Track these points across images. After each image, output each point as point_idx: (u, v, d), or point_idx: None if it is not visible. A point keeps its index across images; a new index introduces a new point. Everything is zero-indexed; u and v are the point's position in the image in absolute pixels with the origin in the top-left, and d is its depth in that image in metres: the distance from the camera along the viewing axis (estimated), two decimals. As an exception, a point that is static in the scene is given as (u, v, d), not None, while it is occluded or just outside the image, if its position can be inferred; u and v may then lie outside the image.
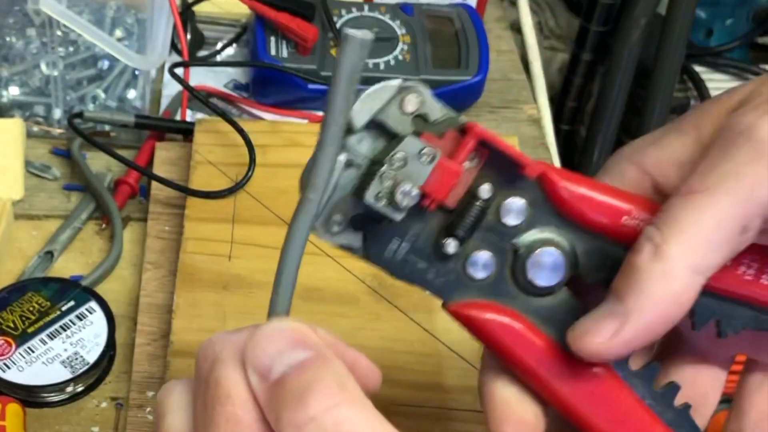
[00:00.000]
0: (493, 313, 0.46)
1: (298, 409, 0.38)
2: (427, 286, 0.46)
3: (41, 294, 0.77)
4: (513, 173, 0.44)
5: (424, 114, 0.43)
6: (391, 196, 0.42)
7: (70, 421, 0.73)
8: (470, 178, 0.44)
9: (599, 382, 0.47)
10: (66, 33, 0.91)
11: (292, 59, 0.97)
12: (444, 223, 0.45)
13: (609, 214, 0.45)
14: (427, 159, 0.42)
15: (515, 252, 0.46)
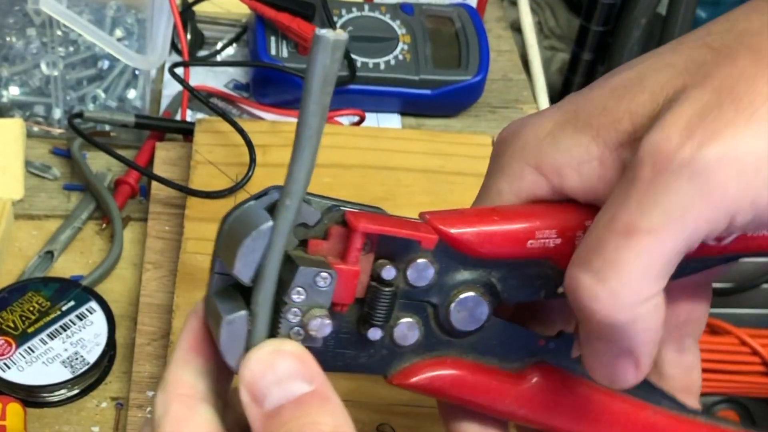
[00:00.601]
0: (434, 370, 0.46)
1: None
2: (363, 370, 0.46)
3: (41, 294, 0.77)
4: (409, 245, 0.44)
5: (303, 222, 0.42)
6: (304, 330, 0.42)
7: (71, 421, 0.73)
8: (369, 263, 0.43)
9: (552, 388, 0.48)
10: (66, 33, 0.91)
11: (293, 59, 0.97)
12: (359, 312, 0.44)
13: (513, 243, 0.45)
14: (326, 282, 0.41)
15: (435, 306, 0.46)
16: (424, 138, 0.91)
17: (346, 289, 0.42)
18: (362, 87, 0.97)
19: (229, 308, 0.42)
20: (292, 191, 0.39)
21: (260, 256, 0.40)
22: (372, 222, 0.42)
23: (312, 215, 0.42)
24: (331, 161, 0.85)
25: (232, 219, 0.42)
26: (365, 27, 1.00)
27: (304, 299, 0.41)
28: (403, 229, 0.43)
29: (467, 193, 0.85)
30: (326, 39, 0.36)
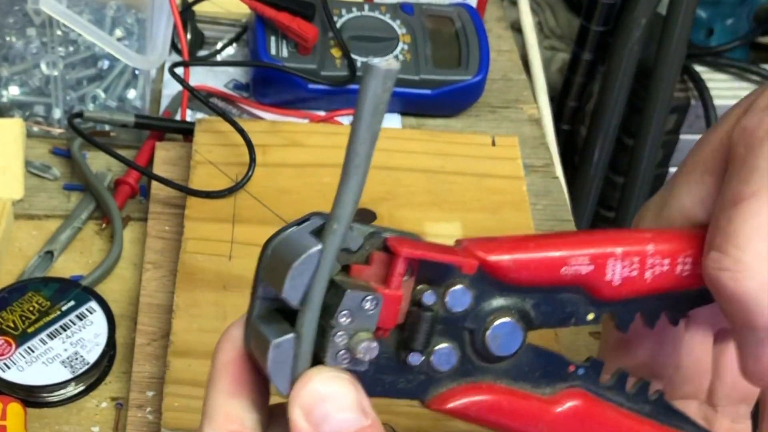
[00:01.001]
0: (470, 395, 0.47)
1: None
2: (402, 395, 0.46)
3: (41, 294, 0.76)
4: (449, 270, 0.44)
5: (346, 248, 0.42)
6: (350, 353, 0.42)
7: (70, 421, 0.73)
8: (409, 290, 0.44)
9: (586, 413, 0.49)
10: (66, 33, 0.91)
11: (293, 59, 0.96)
12: (399, 337, 0.45)
13: (548, 270, 0.46)
14: (372, 306, 0.42)
15: (471, 332, 0.46)
16: (424, 138, 0.91)
17: (389, 313, 0.43)
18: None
19: (275, 332, 0.42)
20: (340, 216, 0.40)
21: (309, 279, 0.41)
22: (414, 248, 0.43)
23: (354, 240, 0.43)
24: (331, 161, 0.85)
25: (277, 243, 0.43)
26: (365, 27, 1.00)
27: (350, 322, 0.42)
28: (444, 255, 0.44)
29: (467, 193, 0.86)
30: (378, 69, 0.37)
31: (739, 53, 1.42)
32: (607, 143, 1.33)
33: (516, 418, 0.48)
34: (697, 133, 1.38)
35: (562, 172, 1.02)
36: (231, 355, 0.44)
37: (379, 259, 0.43)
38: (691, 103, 1.36)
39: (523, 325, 0.47)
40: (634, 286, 0.48)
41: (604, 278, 0.47)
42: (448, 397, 0.46)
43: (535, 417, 0.48)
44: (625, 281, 0.48)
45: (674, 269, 0.48)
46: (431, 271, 0.44)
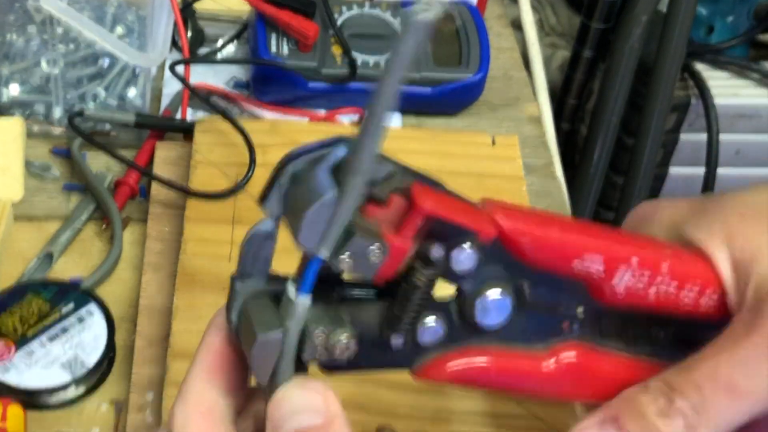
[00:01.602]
0: (457, 362, 0.46)
1: None
2: (387, 366, 0.46)
3: (41, 296, 0.76)
4: (462, 234, 0.43)
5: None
6: (328, 351, 0.43)
7: (70, 424, 0.73)
8: (418, 241, 0.42)
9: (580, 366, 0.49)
10: (67, 30, 0.91)
11: (293, 57, 0.96)
12: (385, 311, 0.44)
13: (559, 257, 0.46)
14: (377, 256, 0.41)
15: (461, 295, 0.45)
16: (425, 137, 0.91)
17: (392, 264, 0.42)
18: (363, 85, 0.97)
19: (264, 324, 0.42)
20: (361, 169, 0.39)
21: (324, 225, 0.40)
22: (436, 204, 0.41)
23: (380, 171, 0.41)
24: (332, 162, 0.85)
25: (296, 172, 0.43)
26: (366, 25, 1.00)
27: (351, 265, 0.41)
28: (465, 217, 0.42)
29: (467, 193, 0.85)
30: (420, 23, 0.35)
31: (739, 51, 1.42)
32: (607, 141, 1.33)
33: (508, 378, 0.47)
34: (697, 131, 1.38)
35: (562, 172, 1.02)
36: (213, 340, 0.46)
37: (397, 205, 0.42)
38: (692, 101, 1.36)
39: (515, 299, 0.46)
40: (636, 298, 0.48)
41: (611, 283, 0.47)
42: (436, 365, 0.46)
43: (528, 374, 0.48)
44: (629, 292, 0.47)
45: (679, 294, 0.48)
46: (447, 229, 0.42)
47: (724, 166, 1.40)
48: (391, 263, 0.42)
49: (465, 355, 0.46)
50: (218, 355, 0.46)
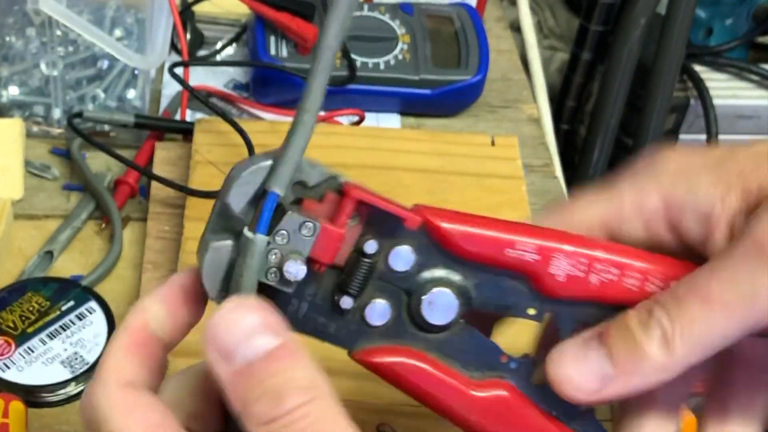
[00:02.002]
0: (396, 356, 0.47)
1: (273, 404, 0.39)
2: (330, 339, 0.47)
3: (41, 294, 0.77)
4: (395, 225, 0.46)
5: (302, 181, 0.44)
6: (280, 273, 0.43)
7: (70, 421, 0.73)
8: (355, 235, 0.45)
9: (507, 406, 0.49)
10: (66, 33, 0.91)
11: (292, 59, 0.97)
12: (337, 280, 0.46)
13: (490, 247, 0.47)
14: (309, 232, 0.44)
15: (409, 295, 0.47)
16: (424, 138, 0.91)
17: (328, 248, 0.44)
18: (362, 87, 0.97)
19: (218, 238, 0.44)
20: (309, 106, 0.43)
21: (255, 189, 0.43)
22: (364, 192, 0.45)
23: (313, 176, 0.44)
24: (331, 161, 0.84)
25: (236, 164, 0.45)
26: (365, 27, 1.00)
27: (285, 243, 0.43)
28: (392, 206, 0.45)
29: (467, 193, 0.86)
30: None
31: (738, 53, 1.42)
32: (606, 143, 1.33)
33: (438, 390, 0.48)
34: (696, 133, 1.38)
35: (561, 172, 1.02)
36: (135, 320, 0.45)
37: (331, 199, 0.45)
38: (691, 102, 1.36)
39: (462, 300, 0.47)
40: (579, 287, 0.48)
41: (548, 270, 0.47)
42: (376, 351, 0.47)
43: (458, 394, 0.48)
44: (570, 280, 0.47)
45: (622, 281, 0.48)
46: (381, 225, 0.45)
47: (724, 167, 1.40)
48: (327, 247, 0.44)
49: (404, 353, 0.47)
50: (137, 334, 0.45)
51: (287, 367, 0.40)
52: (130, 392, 0.43)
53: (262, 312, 0.41)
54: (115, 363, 0.44)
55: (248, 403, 0.39)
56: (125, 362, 0.44)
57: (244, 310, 0.41)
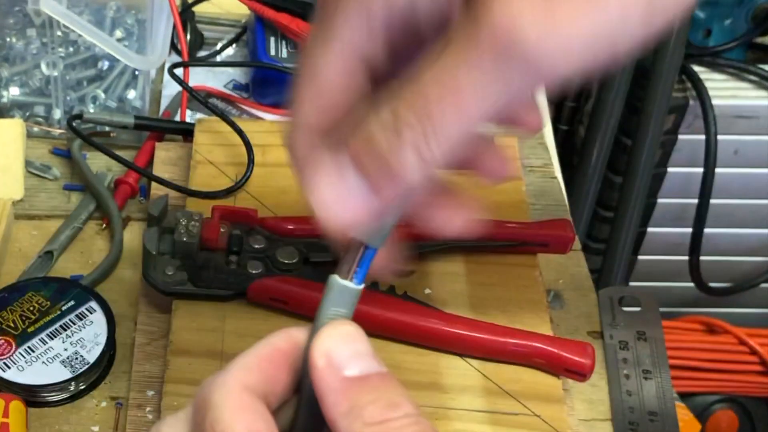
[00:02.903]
0: (273, 281, 0.75)
1: (388, 409, 0.40)
2: (229, 287, 0.75)
3: (41, 294, 0.77)
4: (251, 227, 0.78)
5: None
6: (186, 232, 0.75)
7: (70, 421, 0.73)
8: (227, 230, 0.77)
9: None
10: (66, 33, 0.92)
11: (292, 59, 0.97)
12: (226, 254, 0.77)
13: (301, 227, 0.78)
14: (196, 221, 0.76)
15: (268, 257, 0.76)
16: (423, 138, 0.91)
17: (210, 232, 0.76)
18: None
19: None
20: None
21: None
22: (226, 209, 0.78)
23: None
24: (331, 161, 0.85)
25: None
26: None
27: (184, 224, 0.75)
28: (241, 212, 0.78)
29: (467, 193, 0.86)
30: None
31: (737, 53, 1.42)
32: (605, 143, 1.34)
33: (306, 298, 0.74)
34: (695, 133, 1.38)
35: (560, 173, 1.02)
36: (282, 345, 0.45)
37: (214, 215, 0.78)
38: (690, 103, 1.36)
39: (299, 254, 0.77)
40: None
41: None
42: (258, 284, 0.74)
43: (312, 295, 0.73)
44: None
45: None
46: (241, 226, 0.78)
47: (723, 166, 1.40)
48: (210, 232, 0.76)
49: (278, 280, 0.75)
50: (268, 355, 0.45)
51: (399, 391, 0.41)
52: (247, 395, 0.43)
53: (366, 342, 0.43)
54: (245, 365, 0.44)
55: (359, 404, 0.40)
56: (255, 370, 0.44)
57: (357, 333, 0.43)
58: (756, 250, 1.55)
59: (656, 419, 0.77)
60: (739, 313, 1.58)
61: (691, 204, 1.45)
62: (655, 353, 0.81)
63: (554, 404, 0.72)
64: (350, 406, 0.41)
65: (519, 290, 0.80)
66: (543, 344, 0.74)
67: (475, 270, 0.81)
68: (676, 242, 1.51)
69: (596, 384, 0.78)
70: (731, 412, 1.48)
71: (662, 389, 0.79)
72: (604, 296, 0.85)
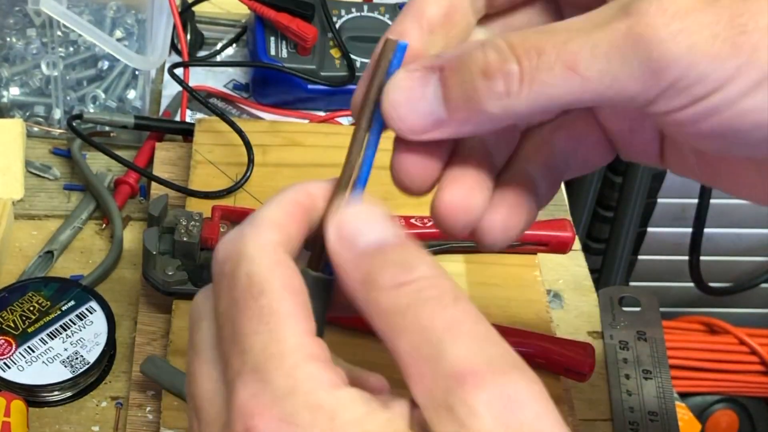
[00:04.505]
0: None
1: (402, 271, 0.38)
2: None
3: (41, 294, 0.77)
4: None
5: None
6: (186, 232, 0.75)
7: (71, 421, 0.73)
8: (227, 231, 0.69)
9: None
10: (66, 33, 0.92)
11: (292, 59, 0.97)
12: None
13: None
14: (197, 220, 0.75)
15: None
16: (424, 138, 0.91)
17: (211, 233, 0.75)
18: (361, 87, 0.97)
19: None
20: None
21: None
22: (226, 209, 0.79)
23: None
24: (331, 161, 0.85)
25: None
26: (364, 27, 1.01)
27: (185, 224, 0.75)
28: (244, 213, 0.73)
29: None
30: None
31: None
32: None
33: None
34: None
35: (560, 173, 1.02)
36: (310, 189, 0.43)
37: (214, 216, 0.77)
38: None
39: None
40: None
41: None
42: None
43: None
44: None
45: None
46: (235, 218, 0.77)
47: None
48: (211, 230, 0.76)
49: None
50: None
51: (415, 248, 0.40)
52: (282, 250, 0.41)
53: (384, 208, 0.42)
54: (275, 221, 0.42)
55: (372, 272, 0.39)
56: (284, 226, 0.42)
57: (373, 199, 0.42)
58: (756, 250, 1.55)
59: (656, 419, 0.77)
60: (739, 313, 1.58)
61: (691, 204, 1.45)
62: (655, 353, 0.81)
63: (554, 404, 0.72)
64: (365, 276, 0.39)
65: (519, 290, 0.80)
66: (543, 344, 0.74)
67: (475, 270, 0.81)
68: (676, 242, 1.51)
69: (596, 384, 0.78)
70: (731, 412, 1.48)
71: (662, 389, 0.79)
72: (604, 296, 0.85)
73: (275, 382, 0.37)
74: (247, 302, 0.39)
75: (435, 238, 0.81)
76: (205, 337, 0.41)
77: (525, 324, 0.76)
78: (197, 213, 0.76)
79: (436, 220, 0.46)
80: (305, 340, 0.38)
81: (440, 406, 0.36)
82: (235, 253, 0.40)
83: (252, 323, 0.38)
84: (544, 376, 0.74)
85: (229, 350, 0.39)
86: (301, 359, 0.38)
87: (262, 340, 0.38)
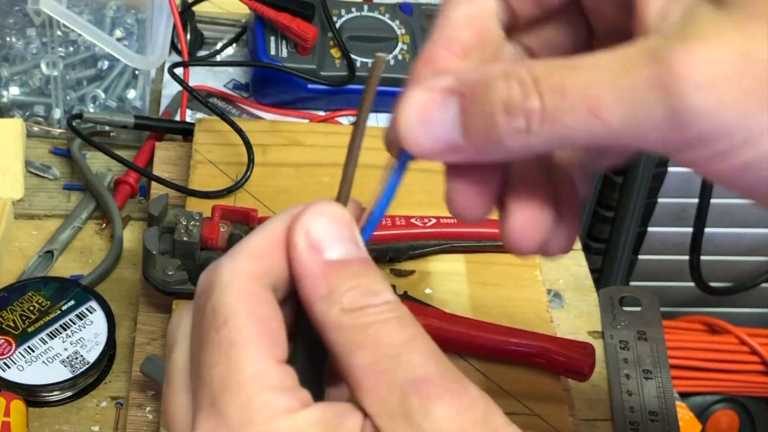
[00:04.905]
0: None
1: (368, 295, 0.39)
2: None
3: (41, 293, 0.77)
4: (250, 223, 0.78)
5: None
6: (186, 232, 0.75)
7: (70, 421, 0.73)
8: (227, 230, 0.76)
9: None
10: (66, 33, 0.92)
11: (292, 59, 0.97)
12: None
13: None
14: (197, 219, 0.76)
15: None
16: (424, 138, 0.91)
17: (211, 231, 0.75)
18: (362, 87, 0.97)
19: None
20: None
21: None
22: (225, 208, 0.78)
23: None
24: (331, 161, 0.85)
25: None
26: (364, 27, 1.01)
27: (185, 223, 0.75)
28: (240, 210, 0.78)
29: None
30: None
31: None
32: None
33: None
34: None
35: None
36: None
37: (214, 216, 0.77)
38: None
39: None
40: None
41: None
42: None
43: None
44: None
45: None
46: (241, 225, 0.77)
47: (723, 166, 1.40)
48: (210, 230, 0.75)
49: None
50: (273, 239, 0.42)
51: (378, 272, 0.40)
52: (254, 280, 0.41)
53: (354, 228, 0.41)
54: (254, 251, 0.41)
55: (338, 290, 0.39)
56: (264, 256, 0.41)
57: (337, 215, 0.41)
58: (756, 250, 1.54)
59: (657, 419, 0.77)
60: (739, 313, 1.58)
61: (692, 204, 1.44)
62: (655, 353, 0.81)
63: (555, 404, 0.72)
64: (329, 291, 0.39)
65: (519, 290, 0.80)
66: (543, 344, 0.74)
67: (475, 270, 0.81)
68: (676, 242, 1.51)
69: (596, 384, 0.78)
70: (732, 412, 1.48)
71: (663, 389, 0.79)
72: (604, 296, 0.85)
73: (231, 414, 0.38)
74: (209, 334, 0.39)
75: (435, 238, 0.81)
76: (177, 365, 0.41)
77: (525, 324, 0.76)
78: (197, 213, 0.76)
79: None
80: (263, 367, 0.38)
81: (395, 413, 0.37)
82: (209, 284, 0.41)
83: (212, 355, 0.39)
84: (545, 376, 0.74)
85: (194, 383, 0.40)
86: (256, 390, 0.38)
87: (220, 372, 0.38)
